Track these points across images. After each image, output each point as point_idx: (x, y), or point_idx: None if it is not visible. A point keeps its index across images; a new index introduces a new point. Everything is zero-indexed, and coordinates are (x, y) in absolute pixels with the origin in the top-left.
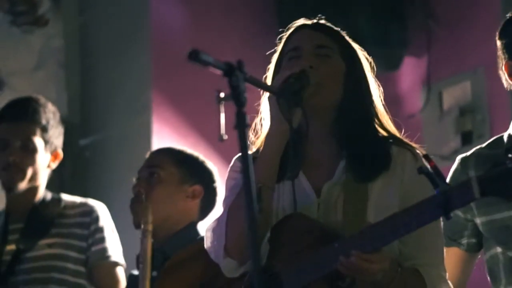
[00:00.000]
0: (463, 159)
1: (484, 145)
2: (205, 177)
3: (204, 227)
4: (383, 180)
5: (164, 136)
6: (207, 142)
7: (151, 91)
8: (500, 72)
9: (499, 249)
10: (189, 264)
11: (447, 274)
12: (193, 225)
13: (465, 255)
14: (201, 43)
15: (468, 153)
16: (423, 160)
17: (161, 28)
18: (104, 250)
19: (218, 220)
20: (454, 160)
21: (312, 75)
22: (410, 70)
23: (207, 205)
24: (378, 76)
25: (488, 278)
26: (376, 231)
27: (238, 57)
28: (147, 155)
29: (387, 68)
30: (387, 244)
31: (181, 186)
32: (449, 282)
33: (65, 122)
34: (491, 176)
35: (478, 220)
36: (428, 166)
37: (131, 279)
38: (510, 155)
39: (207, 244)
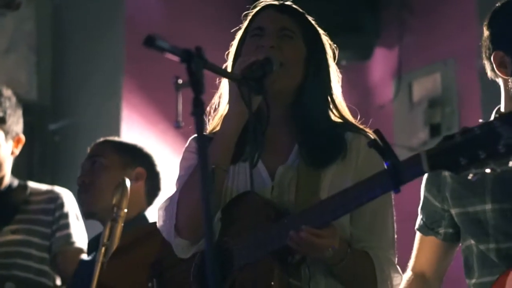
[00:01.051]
0: None
1: None
2: (146, 160)
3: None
4: (337, 165)
5: (133, 122)
6: (176, 129)
7: (123, 77)
8: (485, 62)
9: (472, 241)
10: (140, 246)
11: (396, 258)
12: (143, 216)
13: (442, 245)
14: (176, 30)
15: None
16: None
17: (135, 14)
18: (68, 236)
19: (171, 199)
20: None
21: (274, 55)
22: (382, 61)
23: (153, 189)
24: (350, 66)
25: (463, 268)
26: (327, 206)
27: (212, 43)
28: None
29: (359, 58)
30: (337, 218)
31: (124, 171)
32: (426, 271)
33: (35, 106)
34: (440, 150)
35: (453, 211)
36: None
37: (82, 264)
38: (461, 131)
39: (159, 223)
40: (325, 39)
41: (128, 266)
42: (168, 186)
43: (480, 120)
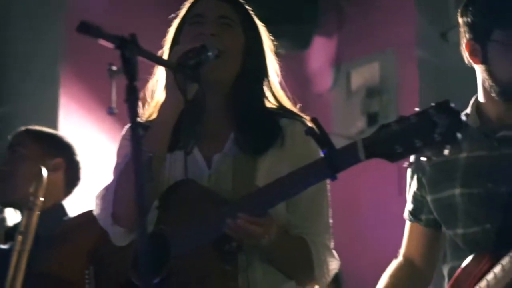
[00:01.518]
0: None
1: None
2: (66, 150)
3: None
4: (273, 152)
5: (71, 110)
6: (113, 118)
7: (61, 66)
8: (461, 49)
9: (444, 227)
10: (78, 233)
11: (331, 243)
12: (61, 205)
13: (426, 231)
14: (116, 18)
15: None
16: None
17: (75, 3)
18: None
19: (108, 187)
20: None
21: (212, 43)
22: (320, 50)
23: (72, 179)
24: (288, 55)
25: None
26: (264, 194)
27: (152, 30)
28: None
29: (297, 47)
30: (274, 206)
31: (42, 161)
32: (415, 258)
33: None
34: (376, 138)
35: (428, 198)
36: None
37: None
38: (397, 119)
39: (96, 211)
40: (263, 29)
41: (65, 254)
42: (106, 174)
43: (416, 109)
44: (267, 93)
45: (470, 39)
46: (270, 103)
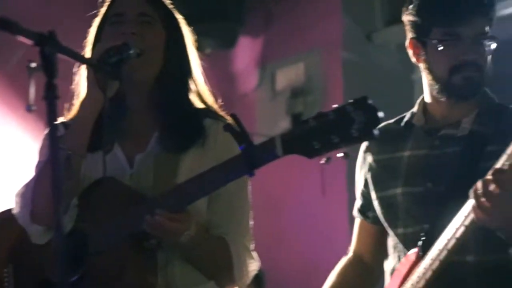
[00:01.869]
0: None
1: (392, 120)
2: None
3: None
4: (195, 151)
5: None
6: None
7: None
8: (405, 47)
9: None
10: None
11: (252, 244)
12: None
13: (373, 228)
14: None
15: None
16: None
17: None
18: None
19: (27, 185)
20: None
21: (134, 42)
22: (246, 49)
23: None
24: (214, 54)
25: None
26: (182, 190)
27: (75, 29)
28: None
29: (223, 46)
30: (192, 202)
31: None
32: (364, 255)
33: None
34: (294, 134)
35: (372, 196)
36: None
37: None
38: (315, 115)
39: (15, 209)
40: (184, 24)
41: None
42: (26, 172)
43: (334, 105)
44: (191, 90)
45: (413, 38)
46: (196, 101)
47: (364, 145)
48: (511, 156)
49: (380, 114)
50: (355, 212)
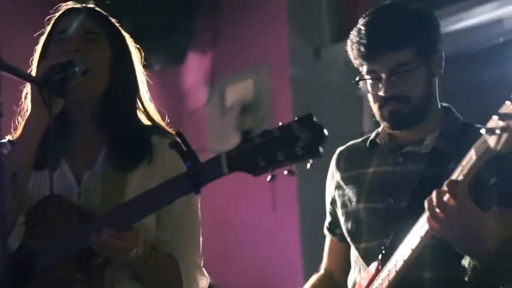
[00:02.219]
0: (338, 153)
1: (359, 139)
2: None
3: None
4: (143, 169)
5: None
6: None
7: None
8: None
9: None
10: None
11: (202, 261)
12: None
13: (342, 245)
14: None
15: (343, 146)
16: (177, 139)
17: None
18: None
19: None
20: None
21: (79, 60)
22: (195, 66)
23: None
24: (162, 70)
25: None
26: (128, 208)
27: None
28: None
29: (171, 62)
30: (139, 220)
31: None
32: (334, 272)
33: None
34: (240, 151)
35: (338, 212)
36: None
37: None
38: (260, 133)
39: None
40: (130, 41)
41: None
42: None
43: (280, 123)
44: (138, 108)
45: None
46: (142, 118)
47: (333, 163)
48: (465, 168)
49: (325, 132)
50: (325, 229)
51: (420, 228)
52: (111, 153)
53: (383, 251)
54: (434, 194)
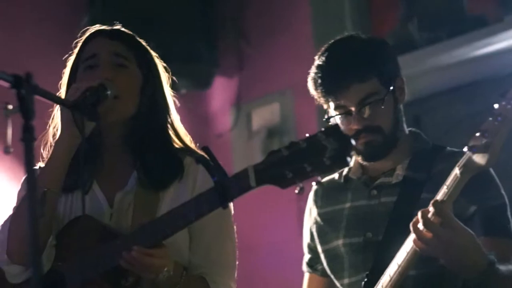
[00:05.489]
0: (315, 189)
1: (336, 175)
2: None
3: None
4: (175, 189)
5: None
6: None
7: None
8: None
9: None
10: None
11: (235, 284)
12: None
13: (324, 281)
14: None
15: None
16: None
17: None
18: None
19: (3, 225)
20: None
21: (109, 87)
22: (221, 90)
23: None
24: (188, 94)
25: None
26: (157, 225)
27: (47, 69)
28: None
29: (197, 87)
30: (167, 236)
31: None
32: None
33: None
34: (267, 164)
35: (319, 249)
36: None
37: None
38: (287, 145)
39: None
40: (158, 61)
41: None
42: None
43: (307, 134)
44: (169, 129)
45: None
46: (174, 140)
47: (310, 199)
48: (450, 187)
49: (353, 142)
50: (304, 266)
51: (406, 252)
52: (142, 173)
53: (364, 284)
54: (419, 215)
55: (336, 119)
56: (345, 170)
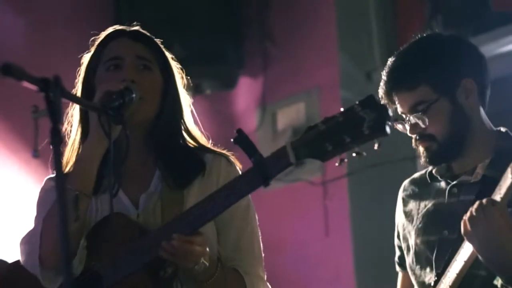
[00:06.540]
0: (403, 186)
1: (423, 171)
2: None
3: None
4: (199, 185)
5: None
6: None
7: None
8: None
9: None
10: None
11: (265, 274)
12: None
13: None
14: (38, 59)
15: (408, 179)
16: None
17: None
18: None
19: (33, 231)
20: (286, 181)
21: (134, 89)
22: (246, 90)
23: None
24: (213, 95)
25: None
26: (195, 211)
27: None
28: None
29: (223, 87)
30: (207, 221)
31: None
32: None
33: None
34: (305, 140)
35: (402, 246)
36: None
37: None
38: (323, 120)
39: (22, 257)
40: (174, 64)
41: None
42: (30, 218)
43: (342, 109)
44: (184, 130)
45: None
46: (188, 140)
47: (400, 197)
48: (502, 188)
49: (390, 112)
50: (396, 265)
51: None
52: (165, 173)
53: (433, 284)
54: (472, 208)
55: (398, 124)
56: (430, 167)
